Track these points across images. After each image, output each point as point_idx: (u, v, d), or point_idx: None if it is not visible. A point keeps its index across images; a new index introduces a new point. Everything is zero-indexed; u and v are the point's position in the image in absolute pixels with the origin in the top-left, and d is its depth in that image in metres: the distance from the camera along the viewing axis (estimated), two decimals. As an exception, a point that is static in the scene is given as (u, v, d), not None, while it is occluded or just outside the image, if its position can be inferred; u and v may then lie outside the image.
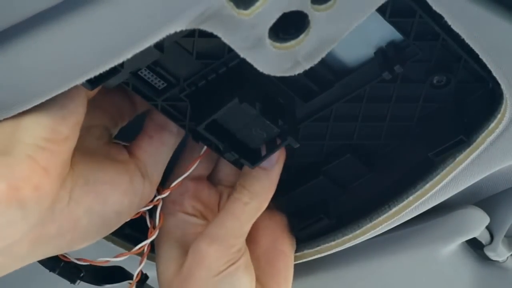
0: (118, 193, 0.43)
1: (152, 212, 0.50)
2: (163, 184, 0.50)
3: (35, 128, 0.38)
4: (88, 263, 0.49)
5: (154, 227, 0.50)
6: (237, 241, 0.48)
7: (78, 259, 0.48)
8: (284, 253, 0.53)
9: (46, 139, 0.38)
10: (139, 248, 0.49)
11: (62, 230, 0.41)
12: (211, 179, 0.52)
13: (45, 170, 0.38)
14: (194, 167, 0.49)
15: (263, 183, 0.48)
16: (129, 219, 0.46)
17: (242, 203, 0.48)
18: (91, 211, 0.42)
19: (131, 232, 0.52)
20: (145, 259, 0.50)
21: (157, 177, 0.47)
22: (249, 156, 0.46)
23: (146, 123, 0.47)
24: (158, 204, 0.49)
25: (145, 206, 0.48)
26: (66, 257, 0.48)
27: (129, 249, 0.53)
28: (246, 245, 0.50)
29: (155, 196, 0.49)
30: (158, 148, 0.47)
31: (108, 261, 0.48)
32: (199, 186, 0.51)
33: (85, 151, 0.43)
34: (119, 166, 0.44)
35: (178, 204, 0.50)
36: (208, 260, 0.48)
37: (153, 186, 0.47)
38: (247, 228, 0.49)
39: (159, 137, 0.47)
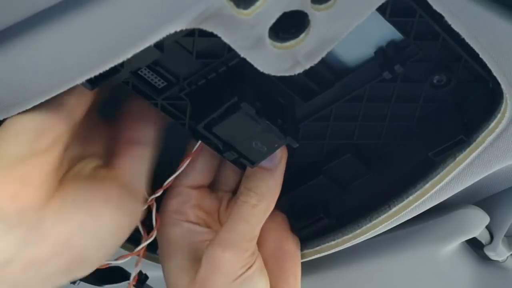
0: (110, 210, 0.42)
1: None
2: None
3: (14, 140, 0.38)
4: None
5: (147, 231, 0.49)
6: (249, 244, 0.48)
7: None
8: (291, 252, 0.53)
9: (25, 150, 0.38)
10: (138, 250, 0.49)
11: (56, 250, 0.39)
12: (211, 185, 0.52)
13: (21, 181, 0.38)
14: (185, 165, 0.48)
15: (268, 184, 0.48)
16: (123, 241, 0.45)
17: (251, 206, 0.47)
18: (83, 229, 0.41)
19: (132, 233, 0.52)
20: (141, 261, 0.50)
21: (141, 192, 0.46)
22: None
23: (117, 141, 0.46)
24: (152, 204, 0.49)
25: None
26: None
27: (129, 249, 0.52)
28: (257, 249, 0.50)
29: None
30: (132, 163, 0.45)
31: (108, 264, 0.48)
32: (201, 195, 0.51)
33: (75, 174, 0.42)
34: (108, 184, 0.43)
35: (182, 213, 0.50)
36: (224, 266, 0.48)
37: (139, 202, 0.45)
38: (257, 230, 0.48)
39: (130, 152, 0.45)
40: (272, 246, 0.53)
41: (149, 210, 0.49)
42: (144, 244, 0.49)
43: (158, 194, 0.49)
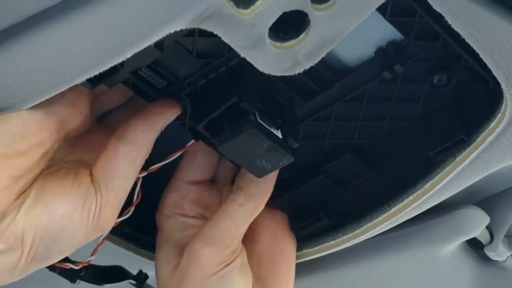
0: (66, 205, 0.40)
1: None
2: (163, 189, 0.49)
3: None
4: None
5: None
6: (232, 242, 0.48)
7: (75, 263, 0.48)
8: (286, 251, 0.53)
9: None
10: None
11: (9, 245, 0.39)
12: (213, 178, 0.52)
13: None
14: (176, 156, 0.48)
15: (259, 185, 0.48)
16: (85, 243, 0.42)
17: (238, 205, 0.48)
18: (37, 224, 0.39)
19: (131, 231, 0.52)
20: (102, 243, 0.48)
21: (115, 195, 0.42)
22: None
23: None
24: (137, 181, 0.47)
25: None
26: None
27: (129, 249, 0.53)
28: (242, 246, 0.50)
29: None
30: (111, 161, 0.42)
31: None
32: (201, 190, 0.51)
33: (51, 171, 0.41)
34: (73, 181, 0.41)
35: (179, 207, 0.50)
36: (202, 261, 0.48)
37: (109, 205, 0.42)
38: (242, 229, 0.48)
39: (113, 148, 0.42)
40: (268, 243, 0.53)
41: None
42: (119, 219, 0.47)
43: (142, 175, 0.47)
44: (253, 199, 0.48)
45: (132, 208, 0.47)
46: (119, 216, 0.46)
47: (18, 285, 0.49)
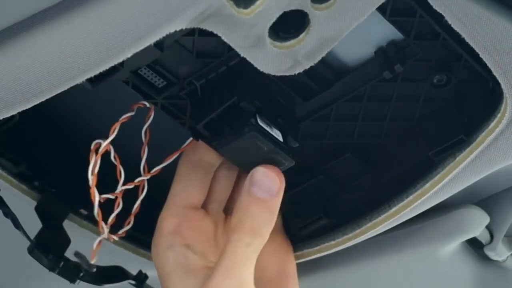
0: None
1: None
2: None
3: None
4: None
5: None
6: (249, 284, 0.45)
7: None
8: (292, 275, 0.52)
9: None
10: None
11: None
12: (204, 206, 0.49)
13: None
14: (175, 157, 0.47)
15: (262, 217, 0.44)
16: None
17: (245, 245, 0.44)
18: None
19: (132, 232, 0.52)
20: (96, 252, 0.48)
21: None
22: None
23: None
24: (141, 185, 0.47)
25: (124, 185, 0.46)
26: None
27: (129, 249, 0.52)
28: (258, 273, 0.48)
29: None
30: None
31: None
32: (198, 216, 0.48)
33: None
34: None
35: (179, 235, 0.47)
36: None
37: None
38: (253, 265, 0.45)
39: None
40: (275, 270, 0.51)
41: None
42: (124, 229, 0.48)
43: (146, 177, 0.47)
44: (259, 234, 0.44)
45: (132, 218, 0.48)
46: (122, 226, 0.48)
47: (18, 285, 0.49)
